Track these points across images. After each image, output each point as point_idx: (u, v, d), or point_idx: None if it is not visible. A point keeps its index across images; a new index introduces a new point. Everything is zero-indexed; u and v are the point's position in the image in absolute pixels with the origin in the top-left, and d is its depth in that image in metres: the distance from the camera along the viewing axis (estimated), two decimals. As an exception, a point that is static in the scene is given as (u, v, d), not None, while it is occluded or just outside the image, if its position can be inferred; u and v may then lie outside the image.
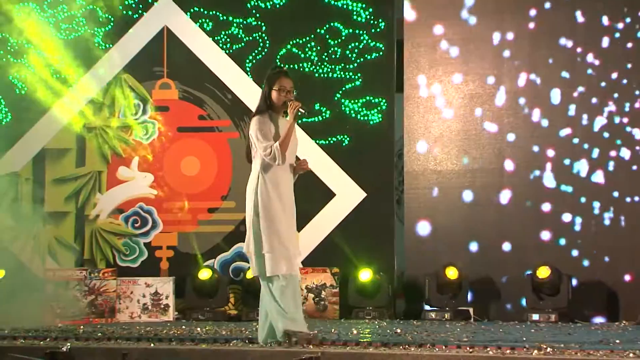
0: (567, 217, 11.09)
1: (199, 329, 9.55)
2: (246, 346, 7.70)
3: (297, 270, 7.71)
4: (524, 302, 10.97)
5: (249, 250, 7.72)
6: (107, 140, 12.19)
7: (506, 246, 11.25)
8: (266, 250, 7.58)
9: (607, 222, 10.94)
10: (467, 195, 11.46)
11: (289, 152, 7.71)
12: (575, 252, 11.00)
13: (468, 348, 7.29)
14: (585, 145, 11.09)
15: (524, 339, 8.13)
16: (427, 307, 11.13)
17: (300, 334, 7.53)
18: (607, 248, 10.90)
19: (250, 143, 7.79)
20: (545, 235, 11.14)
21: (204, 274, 11.51)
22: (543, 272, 10.67)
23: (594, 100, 11.09)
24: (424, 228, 11.55)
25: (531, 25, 11.36)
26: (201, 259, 11.91)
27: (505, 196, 11.33)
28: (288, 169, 7.79)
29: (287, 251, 7.61)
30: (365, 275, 11.31)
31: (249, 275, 11.40)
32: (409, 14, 11.78)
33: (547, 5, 11.31)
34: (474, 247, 11.35)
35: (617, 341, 7.88)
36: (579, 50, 11.19)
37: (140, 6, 12.27)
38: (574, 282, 10.83)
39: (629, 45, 10.99)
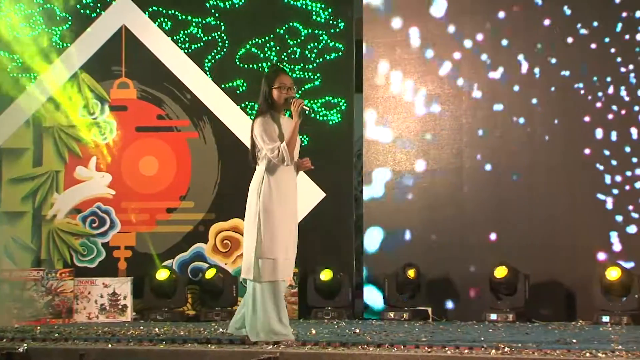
0: (526, 216, 11.12)
1: (157, 329, 9.50)
2: (204, 346, 7.68)
3: (290, 275, 7.67)
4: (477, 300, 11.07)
5: (250, 252, 7.58)
6: (65, 140, 12.11)
7: (466, 246, 11.28)
8: (263, 255, 7.49)
9: (565, 220, 10.98)
10: (427, 195, 11.48)
11: (294, 152, 7.63)
12: (532, 251, 11.04)
13: (426, 348, 7.31)
14: (547, 144, 11.12)
15: (482, 338, 8.16)
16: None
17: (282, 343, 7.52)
18: (565, 247, 10.94)
19: (255, 145, 7.69)
20: (504, 234, 11.17)
21: (162, 275, 11.45)
22: (500, 272, 10.70)
23: (556, 100, 11.13)
24: (383, 228, 11.55)
25: (492, 25, 11.40)
26: (157, 258, 11.86)
27: (464, 196, 11.37)
28: (292, 169, 7.72)
29: (280, 257, 7.52)
30: (324, 275, 11.30)
31: (208, 275, 11.39)
32: (369, 14, 11.82)
33: (510, 6, 11.35)
34: (433, 247, 11.36)
35: (574, 340, 7.92)
36: (542, 50, 11.21)
37: (99, 5, 12.21)
38: (532, 281, 10.89)
39: (593, 46, 11.01)
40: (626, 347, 7.27)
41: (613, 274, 10.31)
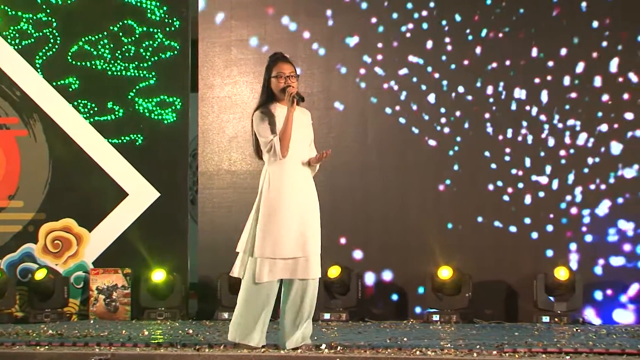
0: (358, 217, 11.25)
1: (-17, 332, 9.27)
2: (33, 348, 7.53)
3: (287, 275, 7.30)
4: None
5: (243, 249, 7.32)
6: None
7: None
8: (254, 253, 7.19)
9: (400, 219, 11.14)
10: (261, 196, 11.48)
11: (294, 144, 7.27)
12: (360, 253, 11.18)
13: (261, 348, 7.31)
14: (380, 145, 11.29)
15: (316, 337, 8.22)
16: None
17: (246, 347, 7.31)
18: (399, 246, 11.09)
19: (257, 139, 7.38)
20: (341, 235, 11.27)
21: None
22: (333, 272, 10.80)
23: (402, 95, 11.28)
24: (217, 228, 11.50)
25: (329, 22, 11.50)
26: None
27: (298, 197, 11.42)
28: (298, 162, 7.37)
29: (277, 257, 7.21)
30: (158, 275, 11.19)
31: (38, 276, 11.16)
32: (204, 13, 11.78)
33: (344, 3, 11.49)
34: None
35: (405, 339, 8.06)
36: (384, 48, 11.36)
37: None
38: (366, 280, 11.03)
39: (429, 44, 11.19)
40: (455, 345, 7.43)
41: (444, 273, 10.54)
